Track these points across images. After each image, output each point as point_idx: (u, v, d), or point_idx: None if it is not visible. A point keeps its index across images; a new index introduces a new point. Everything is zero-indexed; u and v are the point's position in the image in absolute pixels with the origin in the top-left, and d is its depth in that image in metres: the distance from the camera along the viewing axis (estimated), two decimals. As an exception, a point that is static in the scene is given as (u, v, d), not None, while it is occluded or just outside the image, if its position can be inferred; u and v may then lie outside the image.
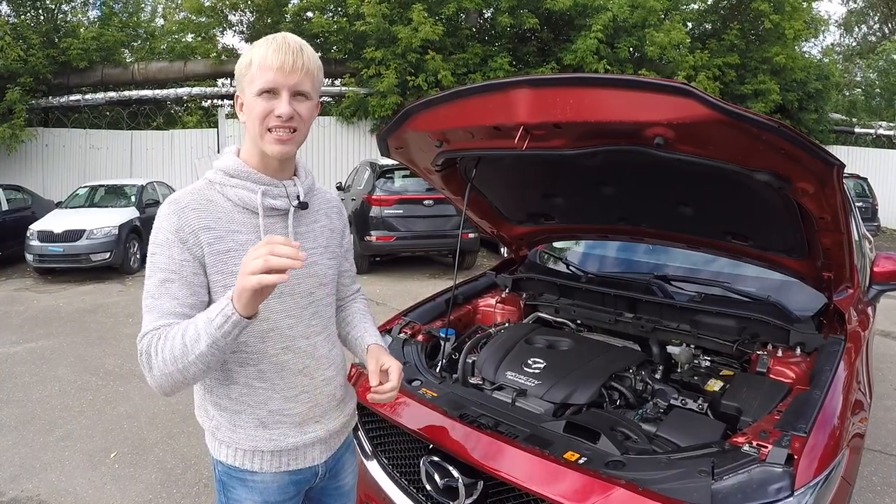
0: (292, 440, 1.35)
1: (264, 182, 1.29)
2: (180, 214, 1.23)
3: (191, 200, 1.25)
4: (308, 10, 14.40)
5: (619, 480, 1.43)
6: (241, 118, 1.29)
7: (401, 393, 1.96)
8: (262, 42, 1.24)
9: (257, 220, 1.28)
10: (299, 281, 1.33)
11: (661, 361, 2.32)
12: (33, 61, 12.75)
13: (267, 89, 1.22)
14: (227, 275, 1.24)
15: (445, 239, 8.85)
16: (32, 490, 3.21)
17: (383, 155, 2.25)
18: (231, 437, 1.33)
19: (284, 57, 1.21)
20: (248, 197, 1.28)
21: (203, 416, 1.39)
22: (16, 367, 5.20)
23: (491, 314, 2.82)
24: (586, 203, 2.43)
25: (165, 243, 1.21)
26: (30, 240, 9.12)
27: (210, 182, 1.30)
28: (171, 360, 1.12)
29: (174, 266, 1.20)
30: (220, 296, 1.24)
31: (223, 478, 1.38)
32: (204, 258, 1.23)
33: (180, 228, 1.21)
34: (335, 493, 1.54)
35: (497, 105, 1.67)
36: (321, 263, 1.40)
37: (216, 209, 1.26)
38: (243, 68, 1.24)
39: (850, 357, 1.91)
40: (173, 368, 1.13)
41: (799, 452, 1.41)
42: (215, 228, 1.24)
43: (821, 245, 1.87)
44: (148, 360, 1.15)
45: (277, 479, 1.37)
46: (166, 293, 1.20)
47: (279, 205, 1.31)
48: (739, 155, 1.52)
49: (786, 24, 14.61)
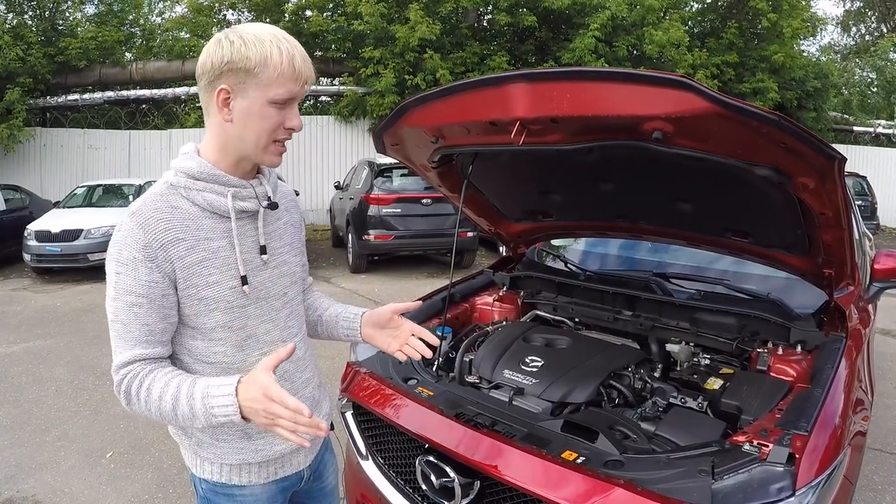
0: (278, 447, 1.31)
1: (233, 184, 1.20)
2: (146, 228, 1.12)
3: (154, 210, 1.14)
4: (306, 9, 14.38)
5: (618, 480, 1.40)
6: (226, 116, 1.14)
7: (397, 392, 1.94)
8: (269, 39, 1.11)
9: (228, 225, 1.20)
10: (273, 283, 1.28)
11: (661, 359, 2.30)
12: (32, 61, 12.72)
13: (285, 100, 1.14)
14: (202, 287, 1.17)
15: (444, 238, 8.82)
16: (28, 490, 3.19)
17: (379, 151, 2.23)
18: (215, 453, 1.28)
19: (309, 71, 1.15)
20: (217, 200, 1.18)
21: (179, 432, 1.32)
22: (12, 367, 5.18)
23: (488, 312, 2.80)
24: (584, 200, 2.41)
25: (131, 262, 1.11)
26: (27, 239, 9.10)
27: (172, 186, 1.18)
28: (157, 414, 1.13)
29: (141, 289, 1.12)
30: (195, 308, 1.18)
31: (208, 495, 1.32)
32: (175, 273, 1.14)
33: (147, 245, 1.11)
34: (319, 493, 1.52)
35: (493, 100, 1.64)
36: (290, 262, 1.35)
37: (183, 216, 1.16)
38: (254, 65, 1.09)
39: (852, 355, 1.89)
40: (157, 417, 1.14)
41: (800, 451, 1.39)
42: (185, 239, 1.15)
43: (822, 241, 1.85)
44: (127, 398, 1.16)
45: (267, 489, 1.33)
46: (135, 320, 1.13)
47: (249, 206, 1.23)
48: (739, 149, 1.49)
49: (784, 23, 14.62)
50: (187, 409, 1.08)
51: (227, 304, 1.20)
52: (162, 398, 1.10)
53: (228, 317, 1.21)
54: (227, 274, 1.19)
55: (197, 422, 1.09)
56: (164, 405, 1.10)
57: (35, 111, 13.97)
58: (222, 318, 1.20)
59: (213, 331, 1.21)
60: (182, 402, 1.09)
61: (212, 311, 1.19)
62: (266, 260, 1.27)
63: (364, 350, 2.28)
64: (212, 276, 1.18)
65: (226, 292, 1.19)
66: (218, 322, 1.20)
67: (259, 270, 1.25)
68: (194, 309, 1.18)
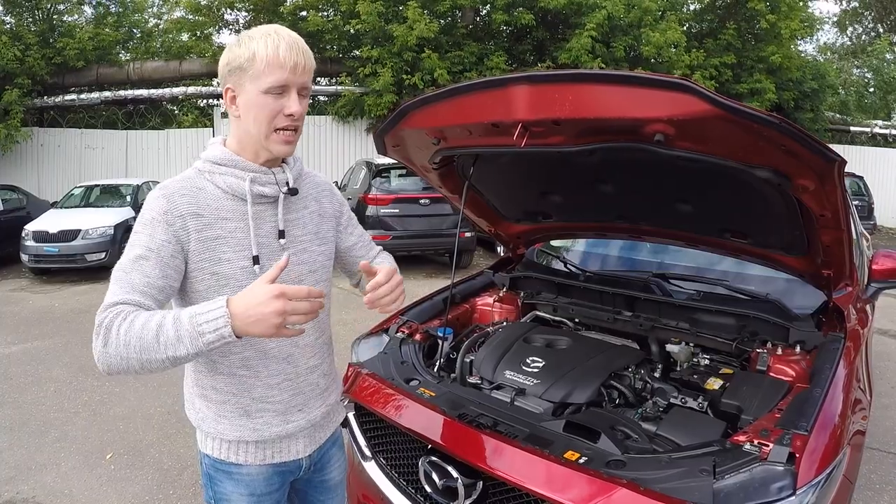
0: (276, 429, 1.36)
1: (253, 169, 1.29)
2: (169, 198, 1.22)
3: (180, 187, 1.25)
4: (304, 9, 14.36)
5: (620, 480, 1.41)
6: (235, 112, 1.26)
7: (399, 392, 1.95)
8: (259, 35, 1.21)
9: (246, 208, 1.28)
10: (288, 269, 1.29)
11: (661, 360, 2.31)
12: (30, 61, 12.69)
13: (278, 88, 1.21)
14: (216, 262, 1.24)
15: (442, 238, 8.83)
16: (28, 492, 3.18)
17: (380, 153, 2.23)
18: (216, 429, 1.35)
19: (297, 56, 1.21)
20: (237, 184, 1.27)
21: (191, 409, 1.40)
22: (11, 368, 5.17)
23: (489, 313, 2.81)
24: (584, 201, 2.42)
25: (150, 222, 1.20)
26: (25, 240, 9.08)
27: (199, 171, 1.29)
28: (136, 348, 1.05)
29: (154, 245, 1.18)
30: (206, 283, 1.23)
31: (210, 471, 1.39)
32: (189, 244, 1.22)
33: (168, 211, 1.20)
34: (321, 486, 1.55)
35: (495, 102, 1.65)
36: (311, 251, 1.40)
37: (205, 196, 1.25)
38: (244, 62, 1.20)
39: (850, 355, 1.90)
40: (134, 356, 1.05)
41: (800, 451, 1.40)
42: (204, 216, 1.23)
43: (821, 242, 1.86)
44: (105, 335, 1.07)
45: (262, 471, 1.38)
46: (138, 269, 1.16)
47: (268, 192, 1.30)
48: (739, 151, 1.50)
49: (782, 24, 14.64)
50: (172, 332, 1.04)
51: (238, 282, 1.24)
52: (145, 326, 1.06)
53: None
54: (240, 254, 1.26)
55: (181, 347, 1.04)
56: (147, 333, 1.05)
57: (32, 111, 13.91)
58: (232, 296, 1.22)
59: None
60: (167, 326, 1.05)
61: (222, 287, 1.24)
62: (283, 245, 1.32)
63: (365, 351, 2.29)
64: (224, 254, 1.24)
65: (237, 271, 1.25)
66: None
67: (274, 254, 1.31)
68: (206, 283, 1.24)
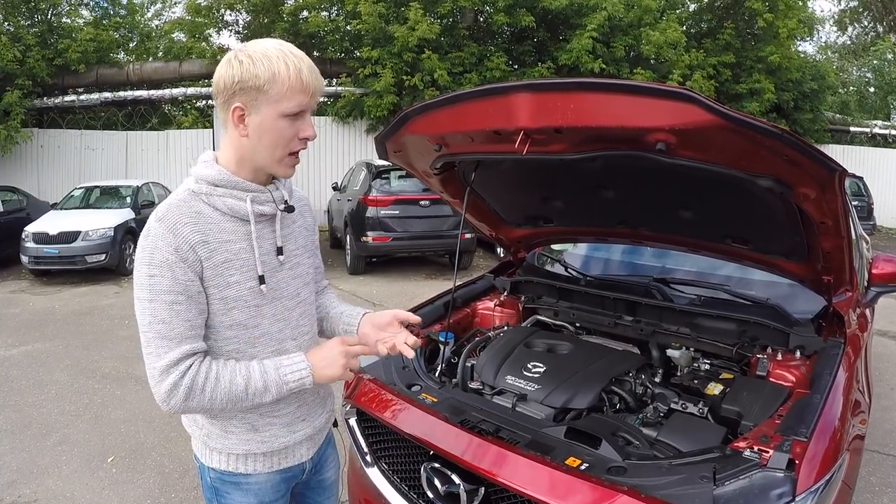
0: (283, 440, 1.38)
1: (251, 189, 1.28)
2: (174, 231, 1.18)
3: (180, 215, 1.20)
4: (304, 9, 14.35)
5: (621, 487, 1.42)
6: (242, 132, 1.21)
7: (400, 398, 1.96)
8: (276, 55, 1.17)
9: (247, 228, 1.27)
10: (287, 283, 1.35)
11: (661, 365, 2.31)
12: (30, 63, 12.68)
13: (297, 111, 1.21)
14: (223, 287, 1.23)
15: (442, 239, 8.85)
16: (30, 495, 3.19)
17: (381, 158, 2.24)
18: (224, 444, 1.35)
19: (317, 80, 1.23)
20: (237, 205, 1.26)
21: (192, 424, 1.40)
22: (11, 371, 5.17)
23: (490, 317, 2.82)
24: (586, 206, 2.42)
25: (165, 264, 1.16)
26: (25, 241, 9.09)
27: (193, 193, 1.25)
28: (224, 401, 1.21)
29: (179, 287, 1.17)
30: (214, 307, 1.24)
31: (216, 484, 1.39)
32: (203, 272, 1.21)
33: (178, 247, 1.17)
34: (318, 486, 1.57)
35: (497, 109, 1.66)
36: (304, 263, 1.42)
37: (206, 220, 1.23)
38: (263, 83, 1.15)
39: (850, 360, 1.91)
40: (219, 406, 1.21)
41: (800, 457, 1.41)
42: (209, 242, 1.21)
43: (821, 249, 1.87)
44: (187, 394, 1.17)
45: (270, 478, 1.40)
46: (177, 317, 1.17)
47: (267, 210, 1.31)
48: (742, 160, 1.51)
49: (780, 23, 14.66)
50: (261, 383, 1.23)
51: (245, 303, 1.26)
52: (233, 381, 1.21)
53: (245, 315, 1.27)
54: (246, 274, 1.27)
55: (268, 394, 1.24)
56: (235, 388, 1.21)
57: (32, 112, 13.89)
58: (239, 317, 1.26)
59: (228, 328, 1.27)
60: (255, 378, 1.23)
61: (230, 309, 1.25)
62: (282, 261, 1.34)
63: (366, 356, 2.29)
64: (233, 277, 1.24)
65: (244, 292, 1.26)
66: (235, 320, 1.26)
67: (275, 271, 1.32)
68: (213, 308, 1.24)
